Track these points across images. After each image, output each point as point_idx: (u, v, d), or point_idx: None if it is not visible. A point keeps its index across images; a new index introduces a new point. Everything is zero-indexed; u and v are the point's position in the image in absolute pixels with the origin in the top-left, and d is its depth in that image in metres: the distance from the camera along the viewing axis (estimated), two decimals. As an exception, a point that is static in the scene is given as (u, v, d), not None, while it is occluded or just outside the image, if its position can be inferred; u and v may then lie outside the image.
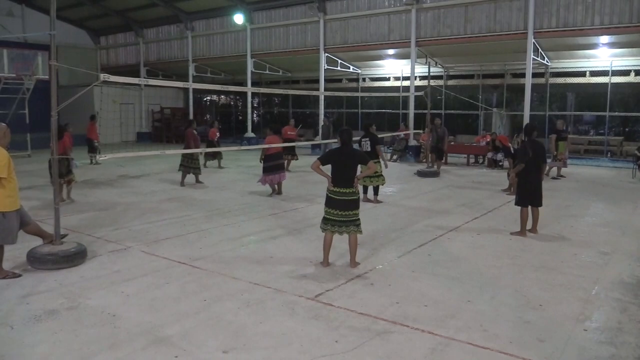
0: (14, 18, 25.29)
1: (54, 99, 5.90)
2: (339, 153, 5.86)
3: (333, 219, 5.81)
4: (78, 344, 3.96)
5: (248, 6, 22.32)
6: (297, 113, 27.31)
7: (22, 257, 5.91)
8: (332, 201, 5.79)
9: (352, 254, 5.91)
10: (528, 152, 7.34)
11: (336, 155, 5.85)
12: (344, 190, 5.74)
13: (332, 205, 5.80)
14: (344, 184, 5.75)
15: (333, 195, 5.79)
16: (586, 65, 18.61)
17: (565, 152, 13.59)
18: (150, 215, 8.75)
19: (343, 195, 5.74)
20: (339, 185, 5.75)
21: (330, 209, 5.82)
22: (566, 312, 4.64)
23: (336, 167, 5.79)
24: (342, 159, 5.80)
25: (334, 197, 5.78)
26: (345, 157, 5.81)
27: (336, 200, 5.76)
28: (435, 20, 18.01)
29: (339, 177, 5.78)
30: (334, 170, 5.80)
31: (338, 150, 5.92)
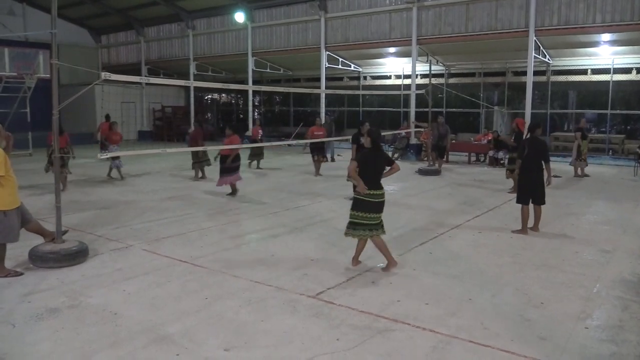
0: (15, 17, 25.29)
1: (55, 98, 5.91)
2: (373, 154, 5.65)
3: (370, 224, 5.57)
4: (79, 342, 3.96)
5: (249, 4, 22.31)
6: (298, 111, 27.31)
7: (24, 256, 5.92)
8: (370, 205, 5.54)
9: (387, 253, 5.71)
10: (524, 148, 7.35)
11: (371, 157, 5.63)
12: (379, 192, 5.59)
13: (368, 209, 5.54)
14: (376, 186, 5.58)
15: (370, 198, 5.53)
16: (588, 63, 18.56)
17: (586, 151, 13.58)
18: (151, 213, 8.76)
19: (379, 197, 5.59)
20: (373, 187, 5.53)
21: (366, 213, 5.55)
22: (567, 310, 4.64)
23: (369, 169, 5.56)
24: (375, 160, 5.62)
25: (371, 201, 5.54)
26: (377, 158, 5.64)
27: (372, 203, 5.54)
28: (436, 18, 17.98)
29: (373, 179, 5.55)
30: (367, 173, 5.54)
31: (370, 151, 5.67)
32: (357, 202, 5.62)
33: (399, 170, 5.87)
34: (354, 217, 5.62)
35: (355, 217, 5.61)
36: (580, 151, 13.24)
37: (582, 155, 13.26)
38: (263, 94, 28.19)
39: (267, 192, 10.99)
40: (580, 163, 13.36)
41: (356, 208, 5.61)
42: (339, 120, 24.55)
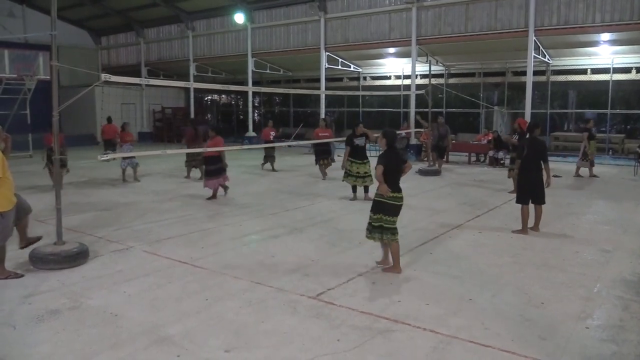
0: (15, 18, 25.31)
1: (55, 100, 5.91)
2: (394, 157, 5.56)
3: (388, 227, 5.49)
4: (80, 343, 3.97)
5: (249, 5, 22.33)
6: (298, 112, 27.32)
7: (24, 257, 5.92)
8: (392, 208, 5.47)
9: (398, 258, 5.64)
10: (524, 148, 7.36)
11: (392, 159, 5.53)
12: (400, 195, 5.52)
13: (392, 212, 5.48)
14: (397, 188, 5.51)
15: (393, 201, 5.45)
16: (587, 62, 18.58)
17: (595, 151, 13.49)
18: (151, 215, 8.76)
19: (400, 200, 5.52)
20: (396, 189, 5.47)
21: (390, 217, 5.48)
22: (568, 310, 4.64)
23: (391, 172, 5.47)
24: (396, 162, 5.55)
25: (394, 204, 5.47)
26: (397, 160, 5.58)
27: (395, 206, 5.48)
28: (436, 18, 17.99)
29: (394, 181, 5.48)
30: (389, 176, 5.44)
31: (390, 153, 5.57)
32: (379, 204, 5.51)
33: (410, 169, 5.79)
34: (375, 220, 5.53)
35: (376, 220, 5.52)
36: (586, 152, 13.16)
37: (588, 156, 13.18)
38: (263, 94, 28.21)
39: (267, 193, 10.99)
40: (584, 163, 13.29)
41: (378, 210, 5.51)
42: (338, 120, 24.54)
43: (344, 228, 7.76)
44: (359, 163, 9.73)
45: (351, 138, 9.84)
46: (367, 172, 9.74)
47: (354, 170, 9.77)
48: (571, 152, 17.88)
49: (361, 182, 9.79)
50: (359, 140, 9.77)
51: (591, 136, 13.21)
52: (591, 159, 13.29)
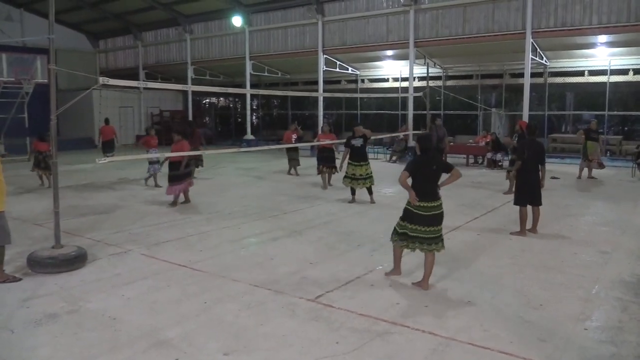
0: (12, 22, 25.26)
1: (53, 103, 5.91)
2: (424, 163, 5.26)
3: (416, 236, 5.22)
4: (79, 347, 3.96)
5: (246, 8, 22.34)
6: (297, 115, 27.31)
7: (22, 261, 5.91)
8: (417, 217, 5.19)
9: (428, 274, 5.26)
10: (524, 151, 7.36)
11: (422, 165, 5.26)
12: (431, 204, 5.16)
13: (415, 221, 5.20)
14: (429, 197, 5.16)
15: (418, 210, 5.17)
16: (585, 64, 18.62)
17: (597, 152, 13.25)
18: (150, 218, 8.75)
19: (431, 209, 5.17)
20: (425, 199, 5.14)
21: (413, 225, 5.22)
22: (567, 311, 4.64)
23: (421, 179, 5.20)
24: (427, 169, 5.22)
25: (419, 213, 5.17)
26: (429, 166, 5.24)
27: (422, 216, 5.17)
28: (433, 20, 18.02)
29: (424, 189, 5.17)
30: (417, 182, 5.18)
31: (422, 159, 5.30)
32: (405, 211, 5.31)
33: (460, 177, 5.36)
34: (401, 227, 5.33)
35: (402, 227, 5.33)
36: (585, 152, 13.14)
37: (587, 156, 13.16)
38: (261, 97, 28.21)
39: (266, 195, 10.98)
40: (583, 164, 13.30)
41: (403, 218, 5.33)
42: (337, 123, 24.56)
43: (342, 231, 7.76)
44: (356, 165, 9.73)
45: (349, 139, 9.87)
46: (365, 174, 9.74)
47: (350, 172, 9.79)
48: (569, 153, 17.92)
49: (362, 184, 9.78)
50: (357, 141, 9.77)
51: (588, 136, 13.18)
52: (596, 160, 13.20)
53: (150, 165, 12.30)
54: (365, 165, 9.78)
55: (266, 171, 15.14)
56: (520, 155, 7.48)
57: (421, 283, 5.25)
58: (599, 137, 13.36)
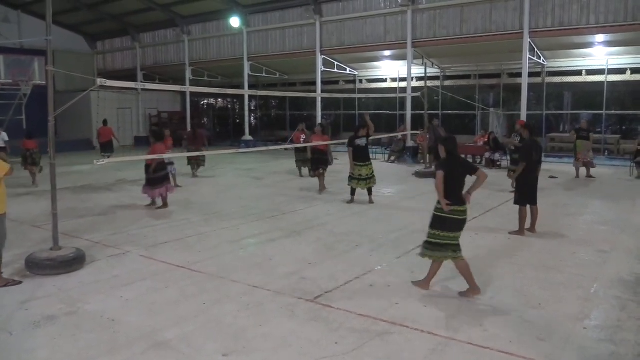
0: (10, 24, 25.24)
1: (51, 105, 5.90)
2: (455, 165, 4.98)
3: (449, 244, 4.94)
4: (77, 349, 3.95)
5: (244, 9, 22.34)
6: (295, 115, 27.32)
7: (20, 263, 5.90)
8: (451, 223, 4.90)
9: (471, 278, 5.02)
10: (532, 153, 7.35)
11: (454, 167, 4.96)
12: (462, 209, 4.92)
13: (449, 227, 4.91)
14: (459, 201, 4.91)
15: (455, 215, 4.88)
16: (582, 64, 18.64)
17: (586, 151, 13.21)
18: (148, 219, 8.74)
19: (462, 214, 4.93)
20: (457, 203, 4.88)
21: (446, 233, 4.92)
22: (566, 310, 4.65)
23: (452, 182, 4.90)
24: (457, 172, 4.95)
25: (453, 218, 4.89)
26: (458, 168, 4.99)
27: (456, 221, 4.91)
28: (431, 21, 18.04)
29: (456, 193, 4.91)
30: (449, 186, 4.89)
31: (452, 161, 4.99)
32: (438, 219, 4.95)
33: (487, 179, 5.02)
34: (434, 237, 4.97)
35: (435, 237, 4.96)
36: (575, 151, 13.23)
37: (576, 155, 13.23)
38: (259, 98, 28.21)
39: (265, 196, 10.98)
40: (577, 163, 13.32)
41: (437, 226, 4.95)
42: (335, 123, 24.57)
43: (341, 231, 7.76)
44: (362, 165, 9.69)
45: (353, 139, 9.78)
46: (370, 173, 9.73)
47: (357, 173, 9.74)
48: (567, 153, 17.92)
49: (364, 184, 9.77)
50: (360, 140, 9.69)
51: (578, 135, 13.21)
52: (582, 159, 13.21)
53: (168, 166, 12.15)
54: (369, 165, 9.76)
55: (265, 172, 15.14)
56: (526, 157, 7.40)
57: (470, 291, 4.99)
58: (589, 136, 13.36)
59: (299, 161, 14.19)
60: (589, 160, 13.26)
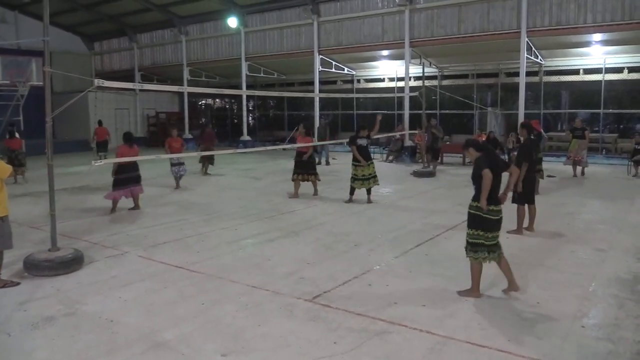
0: (7, 25, 25.19)
1: (48, 106, 5.89)
2: (496, 161, 4.89)
3: (492, 244, 4.86)
4: (76, 350, 3.95)
5: (242, 9, 22.32)
6: (293, 115, 27.32)
7: (18, 264, 5.89)
8: (491, 223, 4.83)
9: (511, 276, 5.00)
10: (532, 152, 7.37)
11: (494, 165, 4.82)
12: (498, 208, 4.87)
13: (490, 227, 4.83)
14: (495, 201, 4.85)
15: (493, 215, 4.81)
16: (580, 63, 18.66)
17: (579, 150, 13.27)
18: (146, 219, 8.73)
19: (498, 213, 4.87)
20: (494, 202, 4.82)
21: (490, 233, 4.84)
22: (564, 309, 4.65)
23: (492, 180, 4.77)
24: (496, 169, 4.82)
25: (492, 218, 4.81)
26: (498, 166, 4.87)
27: (494, 221, 4.84)
28: (428, 20, 18.05)
29: (494, 192, 4.83)
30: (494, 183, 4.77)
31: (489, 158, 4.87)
32: (477, 219, 4.87)
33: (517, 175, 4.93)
34: (472, 237, 4.90)
35: (474, 237, 4.88)
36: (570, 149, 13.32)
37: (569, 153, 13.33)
38: (257, 98, 28.20)
39: (262, 196, 10.97)
40: (567, 161, 13.44)
41: (479, 227, 4.86)
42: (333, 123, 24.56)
43: (340, 231, 7.76)
44: (363, 165, 9.72)
45: (355, 138, 9.82)
46: (371, 173, 9.74)
47: (360, 174, 9.77)
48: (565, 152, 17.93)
49: (367, 184, 9.79)
50: (362, 140, 9.74)
51: (573, 134, 13.31)
52: (573, 157, 13.29)
53: (172, 167, 12.13)
54: (371, 165, 9.77)
55: (263, 172, 15.14)
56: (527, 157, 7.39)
57: (510, 288, 4.99)
58: (584, 134, 13.44)
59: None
60: (580, 159, 13.30)
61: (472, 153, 4.97)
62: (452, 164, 16.99)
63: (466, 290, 5.03)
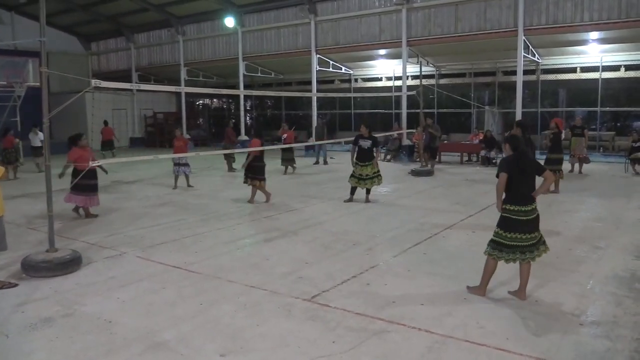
0: (3, 25, 25.14)
1: (45, 106, 5.88)
2: (518, 163, 4.82)
3: (515, 245, 4.77)
4: (74, 351, 3.94)
5: (239, 9, 22.31)
6: (291, 115, 27.33)
7: (16, 265, 5.88)
8: (515, 224, 4.76)
9: (525, 283, 4.88)
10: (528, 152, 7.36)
11: (516, 166, 4.80)
12: (528, 209, 4.76)
13: (513, 228, 4.76)
14: (525, 201, 4.77)
15: (517, 216, 4.75)
16: (577, 61, 18.71)
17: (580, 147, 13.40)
18: (145, 220, 8.72)
19: (528, 214, 4.76)
20: (520, 203, 4.76)
21: (511, 234, 4.77)
22: (562, 307, 4.66)
23: (516, 181, 4.77)
24: (521, 170, 4.81)
25: (517, 219, 4.75)
26: (523, 167, 4.83)
27: (520, 222, 4.75)
28: (425, 19, 18.07)
29: (520, 192, 4.79)
30: (513, 185, 4.78)
31: (515, 159, 4.84)
32: (502, 219, 4.87)
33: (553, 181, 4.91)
34: (498, 236, 4.86)
35: (498, 236, 4.85)
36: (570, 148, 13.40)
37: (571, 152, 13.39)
38: (255, 98, 28.19)
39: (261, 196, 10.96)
40: (572, 159, 13.50)
41: (501, 226, 4.86)
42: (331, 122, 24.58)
43: (338, 230, 7.76)
44: (362, 165, 9.74)
45: (357, 139, 9.84)
46: (371, 173, 9.74)
47: (357, 172, 9.79)
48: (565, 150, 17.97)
49: (363, 184, 9.80)
50: (365, 142, 9.74)
51: (572, 132, 13.42)
52: (578, 155, 13.40)
53: (175, 166, 12.11)
54: (370, 165, 9.77)
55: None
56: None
57: (518, 293, 4.90)
58: (583, 132, 13.56)
59: (284, 160, 14.69)
60: (585, 156, 13.47)
61: (507, 149, 5.01)
62: (450, 162, 17.00)
63: (474, 287, 5.06)
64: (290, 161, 14.76)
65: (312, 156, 18.04)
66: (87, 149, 9.08)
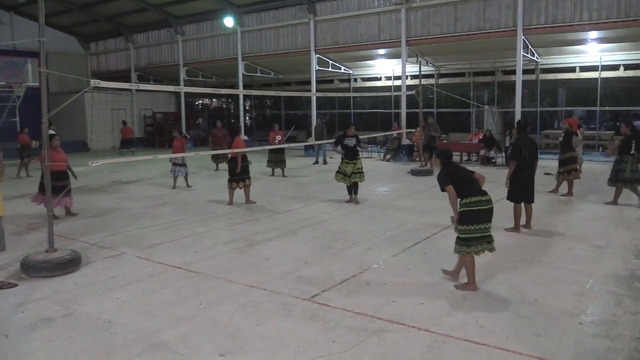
0: (2, 26, 25.08)
1: (44, 106, 5.87)
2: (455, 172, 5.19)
3: (483, 236, 5.05)
4: (74, 351, 3.94)
5: (238, 9, 22.29)
6: (290, 114, 27.32)
7: (15, 265, 5.88)
8: (481, 213, 5.01)
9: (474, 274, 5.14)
10: (523, 151, 7.35)
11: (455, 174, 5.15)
12: (486, 198, 5.06)
13: (480, 219, 5.02)
14: (481, 191, 5.08)
15: (480, 206, 4.99)
16: (576, 60, 18.69)
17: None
18: (144, 220, 8.72)
19: (489, 203, 5.07)
20: (478, 193, 5.04)
21: (479, 225, 5.01)
22: (561, 306, 4.67)
23: (462, 183, 5.06)
24: (462, 176, 5.16)
25: (482, 208, 5.00)
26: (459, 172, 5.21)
27: (485, 210, 5.02)
28: (425, 19, 18.06)
29: (471, 186, 5.08)
30: (462, 186, 5.03)
31: (451, 171, 5.17)
32: (465, 214, 5.01)
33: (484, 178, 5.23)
34: (465, 232, 5.03)
35: (466, 232, 5.03)
36: None
37: None
38: (254, 98, 28.16)
39: (260, 195, 10.96)
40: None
41: (466, 222, 5.01)
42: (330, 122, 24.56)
43: (337, 230, 7.76)
44: (348, 162, 9.79)
45: (342, 138, 9.88)
46: (355, 170, 9.77)
47: (342, 169, 9.85)
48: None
49: (348, 180, 9.81)
50: (349, 140, 9.79)
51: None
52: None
53: (174, 166, 12.11)
54: (356, 163, 9.80)
55: (260, 172, 15.10)
56: (515, 155, 7.42)
57: (466, 286, 5.09)
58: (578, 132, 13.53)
59: (270, 162, 14.38)
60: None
61: (437, 164, 5.35)
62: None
63: (463, 284, 5.15)
64: (280, 163, 14.19)
65: (312, 156, 18.05)
66: (60, 150, 8.83)
